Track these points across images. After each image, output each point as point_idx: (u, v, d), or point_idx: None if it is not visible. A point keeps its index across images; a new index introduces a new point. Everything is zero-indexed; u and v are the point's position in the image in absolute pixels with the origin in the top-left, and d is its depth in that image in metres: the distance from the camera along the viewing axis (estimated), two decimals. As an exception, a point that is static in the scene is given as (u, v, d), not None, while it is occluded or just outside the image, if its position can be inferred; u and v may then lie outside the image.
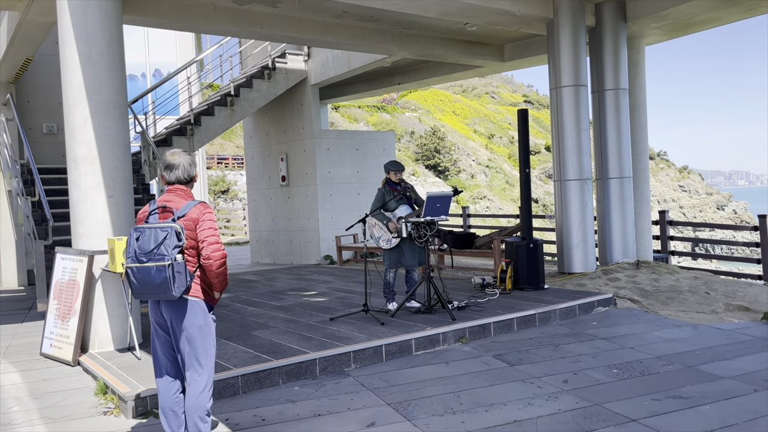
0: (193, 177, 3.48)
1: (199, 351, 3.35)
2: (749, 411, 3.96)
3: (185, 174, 3.44)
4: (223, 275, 3.33)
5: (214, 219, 3.37)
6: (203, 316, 3.35)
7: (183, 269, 3.21)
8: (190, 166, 3.48)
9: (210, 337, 3.40)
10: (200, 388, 3.35)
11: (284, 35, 9.30)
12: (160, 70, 20.84)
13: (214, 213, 3.40)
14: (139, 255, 3.22)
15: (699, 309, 6.98)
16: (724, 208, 58.12)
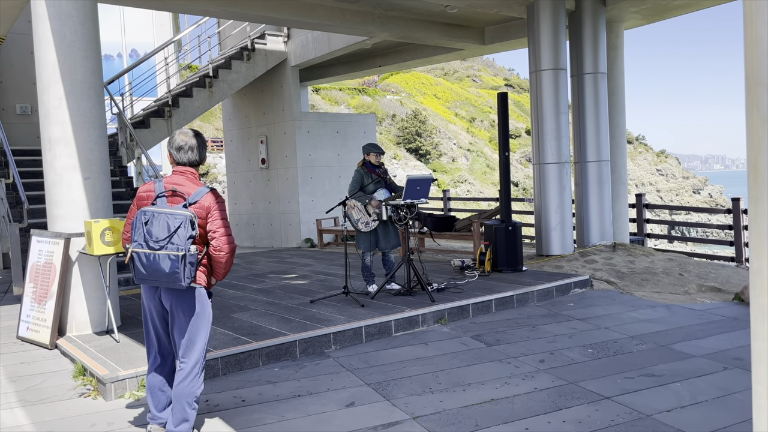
0: (204, 159, 3.42)
1: (195, 337, 3.33)
2: (719, 388, 4.08)
3: (197, 156, 3.36)
4: (229, 266, 3.36)
5: (225, 208, 3.33)
6: (203, 303, 3.35)
7: (195, 260, 3.15)
8: (202, 147, 3.40)
9: (207, 323, 3.40)
10: (193, 374, 3.34)
11: (263, 15, 9.19)
12: (136, 50, 20.48)
13: (225, 202, 3.37)
14: (149, 241, 3.09)
15: (673, 290, 7.13)
16: (700, 192, 59.08)
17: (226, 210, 3.32)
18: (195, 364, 3.36)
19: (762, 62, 1.53)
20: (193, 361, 3.35)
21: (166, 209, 3.15)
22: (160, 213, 3.14)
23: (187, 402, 3.33)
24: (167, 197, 3.25)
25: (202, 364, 3.40)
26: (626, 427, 3.53)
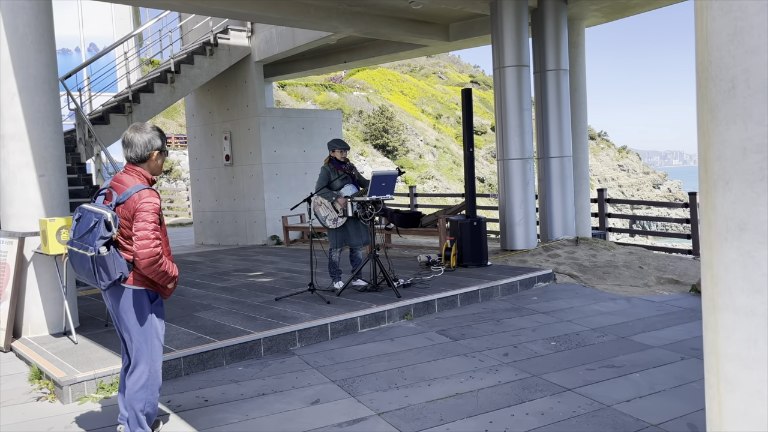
0: (147, 158, 3.20)
1: (139, 343, 3.21)
2: (676, 377, 4.18)
3: (132, 153, 3.18)
4: (156, 273, 3.09)
5: (151, 210, 3.07)
6: (139, 306, 3.17)
7: (108, 262, 3.03)
8: (146, 145, 3.18)
9: (148, 329, 3.21)
10: (136, 383, 3.22)
11: (226, 10, 9.05)
12: (95, 44, 19.98)
13: (156, 201, 3.10)
14: (74, 237, 3.11)
15: (633, 283, 7.29)
16: (659, 187, 60.57)
17: (152, 211, 3.06)
18: (141, 374, 3.21)
19: (711, 58, 1.56)
20: (139, 370, 3.22)
21: (94, 207, 3.10)
22: (88, 211, 3.10)
23: (133, 410, 3.23)
24: (105, 195, 3.19)
25: (147, 376, 3.23)
26: (587, 417, 3.59)
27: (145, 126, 3.25)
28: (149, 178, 3.23)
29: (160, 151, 3.24)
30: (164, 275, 3.13)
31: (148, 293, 3.21)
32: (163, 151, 3.26)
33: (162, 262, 3.09)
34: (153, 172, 3.27)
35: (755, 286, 1.46)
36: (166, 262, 3.14)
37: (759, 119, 1.44)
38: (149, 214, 3.06)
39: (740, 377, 1.52)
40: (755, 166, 1.45)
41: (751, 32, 1.46)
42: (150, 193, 3.10)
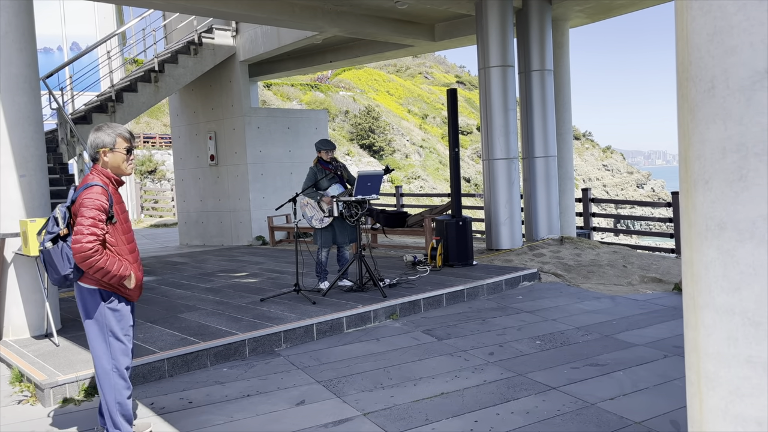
0: (97, 157, 3.14)
1: (90, 342, 3.19)
2: (659, 375, 4.22)
3: (89, 154, 3.17)
4: (91, 269, 3.00)
5: (91, 205, 3.00)
6: (91, 305, 3.14)
7: (54, 257, 3.04)
8: (92, 144, 3.14)
9: (98, 328, 3.15)
10: (101, 383, 3.19)
11: (210, 9, 8.99)
12: (77, 43, 19.76)
13: (98, 197, 3.03)
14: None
15: (617, 281, 7.34)
16: (643, 186, 61.16)
17: (92, 207, 2.99)
18: (100, 374, 3.18)
19: (691, 58, 1.57)
20: (97, 368, 3.19)
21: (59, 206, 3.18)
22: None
23: (108, 412, 3.20)
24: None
25: (99, 375, 3.17)
26: (572, 416, 3.61)
27: (102, 125, 3.20)
28: (110, 176, 3.17)
29: (110, 149, 3.14)
30: (102, 272, 3.02)
31: (100, 292, 3.14)
32: (114, 149, 3.14)
33: (96, 259, 2.97)
34: (115, 171, 3.19)
35: (734, 284, 1.47)
36: (105, 259, 3.01)
37: (738, 119, 1.45)
38: (87, 210, 2.99)
39: (720, 375, 1.53)
40: (734, 166, 1.46)
41: (730, 32, 1.47)
42: (95, 190, 3.05)
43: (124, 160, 3.17)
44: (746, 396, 1.48)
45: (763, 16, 1.42)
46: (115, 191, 3.20)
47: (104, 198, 3.05)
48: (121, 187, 3.30)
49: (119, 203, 3.21)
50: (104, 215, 3.05)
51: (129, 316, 3.27)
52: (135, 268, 3.22)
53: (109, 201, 3.09)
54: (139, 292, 3.32)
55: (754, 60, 1.43)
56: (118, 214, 3.16)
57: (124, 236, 3.18)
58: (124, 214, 3.23)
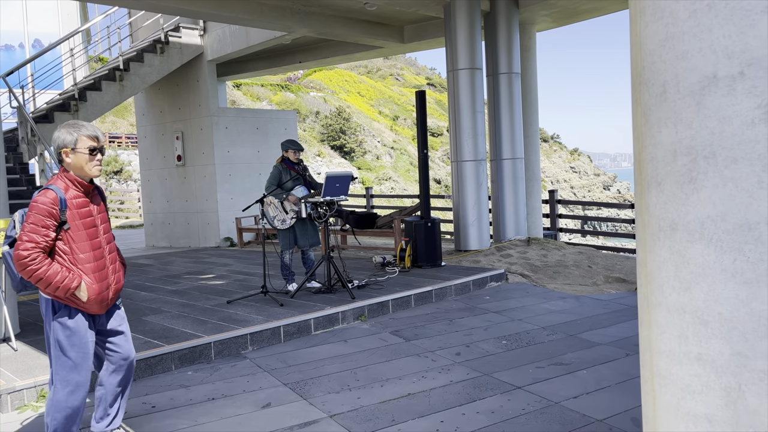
0: (60, 157, 2.96)
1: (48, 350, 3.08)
2: (621, 373, 4.30)
3: (55, 154, 3.02)
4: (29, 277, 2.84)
5: (36, 211, 2.84)
6: (46, 315, 3.01)
7: (6, 262, 2.94)
8: (54, 143, 2.97)
9: (52, 335, 2.99)
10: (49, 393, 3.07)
11: (177, 7, 8.87)
12: (40, 40, 19.28)
13: (43, 200, 2.86)
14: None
15: (582, 282, 7.47)
16: (609, 188, 62.31)
17: (37, 212, 2.84)
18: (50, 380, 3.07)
19: (644, 63, 1.60)
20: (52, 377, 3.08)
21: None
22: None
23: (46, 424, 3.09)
24: None
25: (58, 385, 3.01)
26: (536, 415, 3.66)
27: (66, 123, 3.02)
28: (72, 179, 2.98)
29: (72, 149, 2.94)
30: (43, 283, 2.86)
31: (52, 303, 2.98)
32: (75, 149, 2.94)
33: (33, 268, 2.82)
34: (78, 172, 2.99)
35: (685, 284, 1.51)
36: (46, 269, 2.84)
37: (688, 123, 1.49)
38: (31, 215, 2.85)
39: (672, 372, 1.57)
40: (684, 168, 1.50)
41: (681, 38, 1.51)
42: (41, 193, 2.88)
43: (87, 161, 2.96)
44: (697, 393, 1.52)
45: (712, 22, 1.46)
46: (81, 195, 2.99)
47: (52, 203, 2.86)
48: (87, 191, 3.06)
49: (82, 208, 2.98)
50: (51, 221, 2.86)
51: (84, 331, 3.02)
52: (94, 279, 2.99)
53: (62, 206, 2.89)
54: (101, 306, 3.07)
55: (703, 65, 1.47)
56: (74, 220, 2.94)
57: (81, 244, 2.96)
58: (87, 220, 2.99)
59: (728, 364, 1.46)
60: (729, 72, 1.43)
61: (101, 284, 3.03)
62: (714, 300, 1.47)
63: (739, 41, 1.42)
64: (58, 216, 2.89)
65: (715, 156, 1.45)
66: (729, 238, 1.44)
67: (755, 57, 1.40)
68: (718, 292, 1.46)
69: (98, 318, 3.14)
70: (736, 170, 1.43)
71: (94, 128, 3.03)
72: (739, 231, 1.43)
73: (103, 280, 3.05)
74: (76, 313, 3.01)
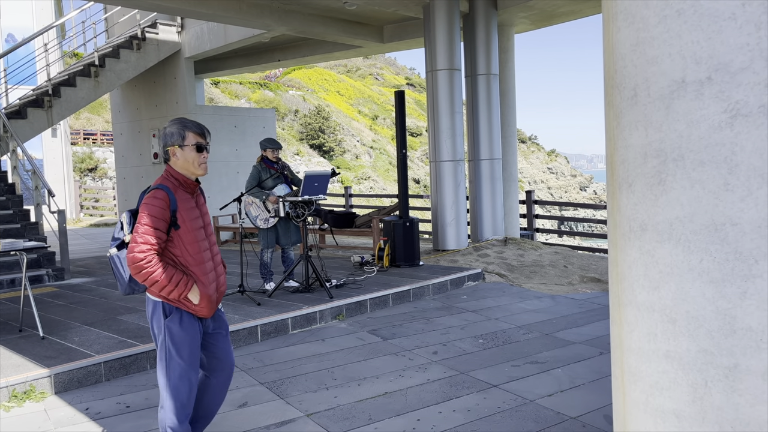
0: (163, 157, 2.87)
1: (157, 354, 2.93)
2: (595, 371, 4.37)
3: (160, 152, 2.91)
4: (141, 279, 2.72)
5: (148, 212, 2.74)
6: (156, 319, 2.86)
7: (114, 265, 2.85)
8: (162, 140, 2.86)
9: (162, 342, 2.85)
10: (161, 401, 2.89)
11: (153, 3, 8.77)
12: (13, 35, 18.92)
13: (153, 203, 2.75)
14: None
15: (558, 281, 7.55)
16: (586, 189, 63.05)
17: (148, 213, 2.74)
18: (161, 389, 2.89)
19: (616, 67, 1.64)
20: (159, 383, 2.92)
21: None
22: None
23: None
24: None
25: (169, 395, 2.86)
26: (511, 413, 3.70)
27: (173, 120, 2.89)
28: (181, 177, 2.85)
29: (180, 146, 2.82)
30: (158, 286, 2.74)
31: (163, 306, 2.83)
32: (183, 146, 2.81)
33: (149, 271, 2.70)
34: (185, 171, 2.86)
35: (654, 283, 1.55)
36: (161, 271, 2.72)
37: (658, 126, 1.53)
38: (144, 216, 2.75)
39: (641, 369, 1.61)
40: (654, 170, 1.54)
41: (651, 43, 1.55)
42: (152, 193, 2.78)
43: (194, 159, 2.82)
44: (665, 389, 1.56)
45: (681, 28, 1.50)
46: (187, 196, 2.86)
47: (164, 203, 2.75)
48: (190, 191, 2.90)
49: (190, 209, 2.85)
50: (163, 221, 2.74)
51: (195, 333, 2.88)
52: (203, 281, 2.85)
53: (172, 206, 2.77)
54: (210, 308, 2.91)
55: (672, 70, 1.51)
56: (184, 221, 2.81)
57: (191, 245, 2.83)
58: (193, 222, 2.85)
59: (695, 361, 1.50)
60: (697, 77, 1.47)
61: (210, 286, 2.89)
62: (682, 299, 1.50)
63: (707, 47, 1.46)
64: (169, 216, 2.77)
65: (683, 158, 1.49)
66: (696, 239, 1.48)
67: (722, 62, 1.44)
68: (686, 291, 1.50)
69: (204, 321, 2.98)
70: (703, 173, 1.47)
71: (201, 125, 2.90)
72: (706, 232, 1.47)
73: (212, 282, 2.91)
74: (187, 315, 2.87)
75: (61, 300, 6.78)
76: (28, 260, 7.27)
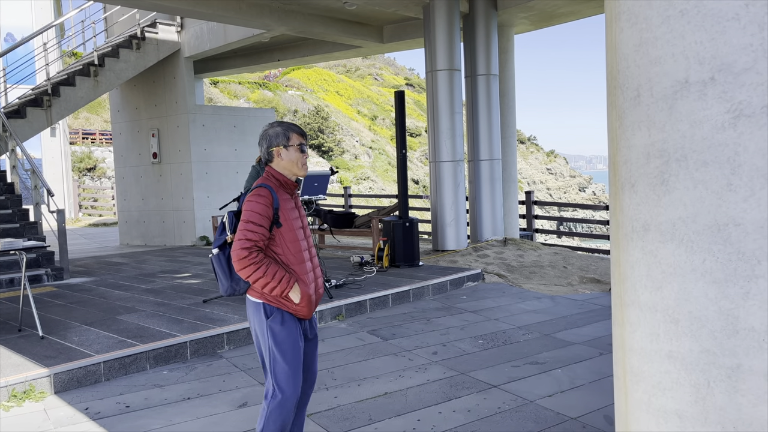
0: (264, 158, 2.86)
1: (262, 359, 2.86)
2: (595, 372, 4.37)
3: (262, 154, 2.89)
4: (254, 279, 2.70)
5: (252, 209, 2.72)
6: (257, 320, 2.82)
7: (216, 264, 2.85)
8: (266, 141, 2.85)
9: (266, 345, 2.79)
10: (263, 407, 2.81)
11: (153, 3, 8.76)
12: (12, 34, 18.90)
13: (256, 200, 2.74)
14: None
15: (557, 282, 7.56)
16: (585, 190, 63.08)
17: (252, 210, 2.72)
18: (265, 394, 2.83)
19: (619, 67, 1.64)
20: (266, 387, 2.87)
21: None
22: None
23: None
24: None
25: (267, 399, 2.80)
26: (511, 413, 3.70)
27: (273, 122, 2.93)
28: (282, 178, 2.85)
29: (284, 146, 2.82)
30: (261, 282, 2.71)
31: (264, 307, 2.79)
32: (288, 146, 2.82)
33: (252, 267, 2.67)
34: (288, 170, 2.85)
35: (657, 283, 1.55)
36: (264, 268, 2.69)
37: (661, 126, 1.53)
38: (246, 213, 2.74)
39: (644, 369, 1.61)
40: (657, 171, 1.54)
41: (654, 43, 1.55)
42: (255, 191, 2.78)
43: (297, 159, 2.84)
44: (667, 390, 1.56)
45: (684, 29, 1.50)
46: (287, 196, 2.85)
47: (267, 201, 2.75)
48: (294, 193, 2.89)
49: (290, 209, 2.84)
50: (267, 219, 2.74)
51: (297, 334, 2.83)
52: (306, 280, 2.82)
53: (275, 204, 2.77)
54: (310, 309, 2.86)
55: (675, 70, 1.51)
56: (286, 220, 2.80)
57: (291, 244, 2.81)
58: (294, 221, 2.84)
59: (697, 361, 1.50)
60: (700, 77, 1.47)
61: (310, 285, 2.85)
62: (684, 299, 1.50)
63: (710, 47, 1.46)
64: (272, 214, 2.76)
65: (686, 159, 1.49)
66: (699, 239, 1.48)
67: (725, 63, 1.44)
68: (689, 291, 1.50)
69: (303, 324, 2.93)
70: (706, 173, 1.47)
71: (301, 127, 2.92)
72: (709, 232, 1.47)
73: (311, 282, 2.87)
74: (289, 316, 2.81)
75: (61, 300, 6.78)
76: (27, 260, 7.27)
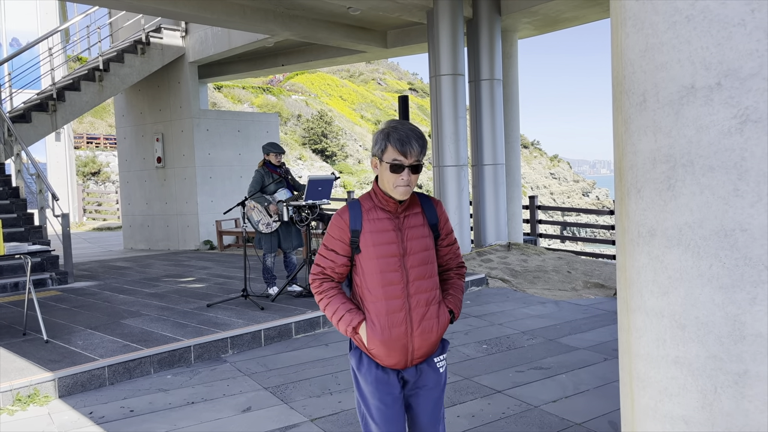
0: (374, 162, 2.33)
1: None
2: (599, 377, 4.36)
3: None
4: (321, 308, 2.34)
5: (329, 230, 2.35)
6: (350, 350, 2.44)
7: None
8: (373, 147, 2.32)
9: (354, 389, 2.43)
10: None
11: (158, 8, 8.80)
12: (17, 39, 19.00)
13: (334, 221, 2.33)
14: None
15: (561, 287, 7.54)
16: (588, 195, 62.99)
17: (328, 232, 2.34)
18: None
19: (625, 72, 1.64)
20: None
21: None
22: None
23: None
24: None
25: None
26: (515, 418, 3.69)
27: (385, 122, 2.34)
28: (379, 193, 2.30)
29: (379, 159, 2.25)
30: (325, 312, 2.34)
31: (350, 343, 2.41)
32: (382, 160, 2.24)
33: (315, 293, 2.33)
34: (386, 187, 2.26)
35: (663, 288, 1.55)
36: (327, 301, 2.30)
37: (667, 131, 1.53)
38: (327, 235, 2.35)
39: (650, 375, 1.60)
40: (663, 176, 1.54)
41: (660, 49, 1.55)
42: (340, 210, 2.36)
43: (390, 179, 2.23)
44: (674, 395, 1.56)
45: (690, 34, 1.50)
46: (386, 216, 2.30)
47: (342, 222, 2.31)
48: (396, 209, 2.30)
49: (381, 232, 2.28)
50: (340, 243, 2.30)
51: (379, 385, 2.31)
52: (378, 323, 2.25)
53: (354, 226, 2.30)
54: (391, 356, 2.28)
55: (682, 76, 1.51)
56: (367, 246, 2.28)
57: (372, 276, 2.28)
58: (380, 248, 2.27)
59: (704, 366, 1.50)
60: (707, 82, 1.47)
61: (387, 331, 2.26)
62: (691, 304, 1.50)
63: (717, 52, 1.46)
64: (348, 238, 2.30)
65: (692, 164, 1.49)
66: (706, 244, 1.48)
67: (732, 68, 1.44)
68: (695, 296, 1.50)
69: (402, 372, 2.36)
70: (712, 178, 1.46)
71: (409, 139, 2.22)
72: (716, 237, 1.46)
73: (394, 327, 2.26)
74: (368, 360, 2.34)
75: (65, 303, 6.79)
76: (31, 263, 7.29)
